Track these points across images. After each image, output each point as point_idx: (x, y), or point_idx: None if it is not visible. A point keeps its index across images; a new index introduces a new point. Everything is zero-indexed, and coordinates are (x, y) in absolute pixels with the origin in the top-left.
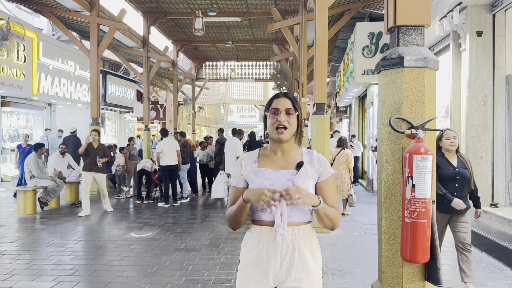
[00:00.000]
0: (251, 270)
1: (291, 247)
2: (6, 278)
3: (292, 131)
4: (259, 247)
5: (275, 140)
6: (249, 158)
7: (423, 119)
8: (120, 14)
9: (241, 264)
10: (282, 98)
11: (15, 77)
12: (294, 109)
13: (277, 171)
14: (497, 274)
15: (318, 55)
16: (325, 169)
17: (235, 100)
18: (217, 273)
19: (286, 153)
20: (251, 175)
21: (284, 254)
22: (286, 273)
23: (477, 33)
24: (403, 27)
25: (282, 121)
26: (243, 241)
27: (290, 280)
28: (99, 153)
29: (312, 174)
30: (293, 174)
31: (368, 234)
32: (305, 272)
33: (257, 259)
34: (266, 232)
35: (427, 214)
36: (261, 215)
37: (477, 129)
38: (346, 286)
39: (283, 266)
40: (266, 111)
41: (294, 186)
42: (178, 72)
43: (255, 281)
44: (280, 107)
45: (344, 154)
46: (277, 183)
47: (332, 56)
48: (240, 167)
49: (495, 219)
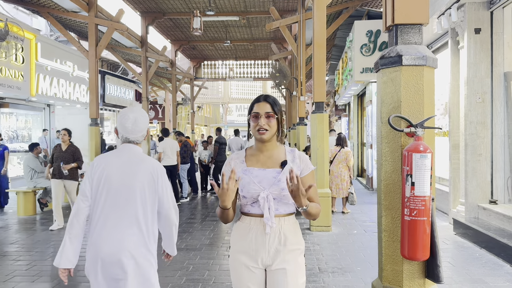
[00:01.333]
0: (241, 256)
1: (278, 235)
2: (7, 279)
3: (273, 132)
4: (250, 236)
5: (259, 140)
6: (237, 158)
7: (422, 117)
8: (118, 14)
9: (232, 250)
10: (262, 102)
11: (13, 78)
12: (274, 112)
13: (263, 169)
14: (497, 270)
15: (316, 53)
16: (306, 166)
17: (234, 99)
18: (218, 272)
19: (270, 152)
20: (240, 174)
21: (272, 241)
22: (273, 257)
23: (475, 31)
24: (402, 26)
25: (263, 125)
26: (233, 230)
27: (276, 263)
28: (66, 157)
29: (295, 170)
30: (278, 172)
31: (368, 232)
32: (290, 255)
33: (247, 246)
34: (256, 223)
35: (426, 212)
36: (250, 208)
37: (476, 126)
38: (347, 284)
39: (270, 251)
40: (248, 115)
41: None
42: (176, 71)
43: (246, 265)
44: (260, 111)
45: (343, 153)
46: (264, 180)
47: (331, 55)
48: (229, 167)
49: (494, 216)
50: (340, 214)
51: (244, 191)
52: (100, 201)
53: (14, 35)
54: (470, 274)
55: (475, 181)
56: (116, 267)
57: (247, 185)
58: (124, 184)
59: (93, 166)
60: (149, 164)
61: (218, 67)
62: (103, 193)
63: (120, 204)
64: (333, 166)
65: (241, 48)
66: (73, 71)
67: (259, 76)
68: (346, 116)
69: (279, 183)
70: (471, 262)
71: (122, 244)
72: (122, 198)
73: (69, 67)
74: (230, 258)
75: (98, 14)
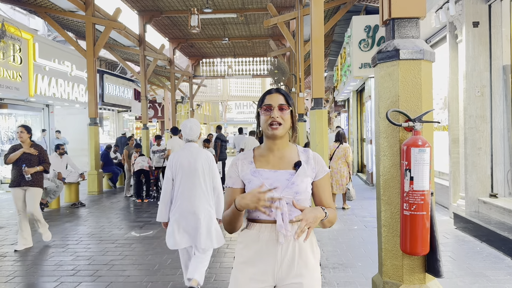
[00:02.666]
0: (248, 269)
1: (292, 243)
2: (8, 280)
3: (287, 127)
4: (259, 245)
5: (270, 137)
6: (245, 159)
7: (420, 111)
8: (116, 13)
9: (236, 261)
10: (274, 94)
11: (11, 78)
12: (288, 104)
13: (275, 171)
14: (497, 264)
15: (314, 49)
16: (321, 168)
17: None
18: (219, 270)
19: (282, 152)
20: (249, 176)
21: (285, 251)
22: (287, 270)
23: (473, 24)
24: (398, 20)
25: (276, 117)
26: (238, 238)
27: (291, 277)
28: (30, 159)
29: (310, 173)
30: (291, 173)
31: (369, 227)
32: (305, 268)
33: (255, 257)
34: (266, 230)
35: (426, 206)
36: (260, 214)
37: (475, 120)
38: (348, 279)
39: (283, 263)
40: (259, 108)
41: (304, 217)
42: (175, 70)
43: (252, 280)
44: (273, 103)
45: (342, 149)
46: (276, 183)
47: (329, 50)
48: (236, 168)
49: (494, 209)
50: (341, 210)
51: None
52: (177, 179)
53: (12, 35)
54: (471, 268)
55: (475, 175)
56: (193, 217)
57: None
58: (190, 166)
59: (171, 160)
60: (204, 153)
61: (216, 65)
62: (179, 173)
63: (190, 179)
64: (333, 162)
65: (239, 45)
66: (71, 71)
67: (258, 73)
68: (346, 112)
69: (293, 186)
70: (472, 256)
71: (195, 203)
72: (191, 175)
73: (67, 67)
74: (234, 271)
75: (95, 13)
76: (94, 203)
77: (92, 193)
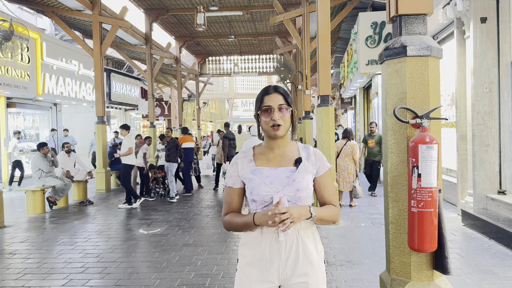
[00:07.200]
0: (252, 270)
1: (295, 242)
2: (18, 277)
3: (287, 127)
4: (262, 246)
5: (272, 137)
6: (245, 158)
7: (427, 108)
8: (122, 12)
9: (240, 263)
10: (273, 94)
11: (20, 78)
12: (287, 103)
13: (275, 169)
14: (506, 261)
15: (321, 46)
16: (322, 164)
17: (239, 95)
18: (226, 267)
19: (283, 149)
20: (249, 175)
21: (289, 250)
22: (292, 270)
23: (481, 20)
24: (405, 16)
25: (277, 119)
26: (241, 240)
27: (296, 276)
28: None
29: (311, 170)
30: (292, 170)
31: (376, 224)
32: (310, 267)
33: (259, 258)
34: (269, 230)
35: (433, 203)
36: None
37: (483, 116)
38: (355, 277)
39: (288, 262)
40: (257, 110)
41: (286, 210)
42: (181, 68)
43: (257, 281)
44: (272, 104)
45: (349, 146)
46: (276, 180)
47: (336, 47)
48: (236, 167)
49: (503, 206)
50: (348, 207)
51: (253, 194)
52: None
53: (19, 35)
54: (479, 265)
55: (483, 171)
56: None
57: (257, 186)
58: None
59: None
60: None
61: (222, 63)
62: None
63: None
64: (340, 159)
65: (245, 43)
66: (78, 69)
67: (264, 70)
68: (352, 109)
69: (294, 183)
70: (480, 253)
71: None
72: None
73: (74, 66)
74: (238, 273)
75: (102, 12)
76: (102, 201)
77: (100, 191)
